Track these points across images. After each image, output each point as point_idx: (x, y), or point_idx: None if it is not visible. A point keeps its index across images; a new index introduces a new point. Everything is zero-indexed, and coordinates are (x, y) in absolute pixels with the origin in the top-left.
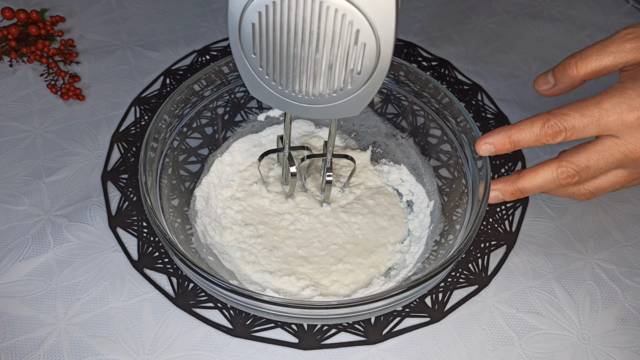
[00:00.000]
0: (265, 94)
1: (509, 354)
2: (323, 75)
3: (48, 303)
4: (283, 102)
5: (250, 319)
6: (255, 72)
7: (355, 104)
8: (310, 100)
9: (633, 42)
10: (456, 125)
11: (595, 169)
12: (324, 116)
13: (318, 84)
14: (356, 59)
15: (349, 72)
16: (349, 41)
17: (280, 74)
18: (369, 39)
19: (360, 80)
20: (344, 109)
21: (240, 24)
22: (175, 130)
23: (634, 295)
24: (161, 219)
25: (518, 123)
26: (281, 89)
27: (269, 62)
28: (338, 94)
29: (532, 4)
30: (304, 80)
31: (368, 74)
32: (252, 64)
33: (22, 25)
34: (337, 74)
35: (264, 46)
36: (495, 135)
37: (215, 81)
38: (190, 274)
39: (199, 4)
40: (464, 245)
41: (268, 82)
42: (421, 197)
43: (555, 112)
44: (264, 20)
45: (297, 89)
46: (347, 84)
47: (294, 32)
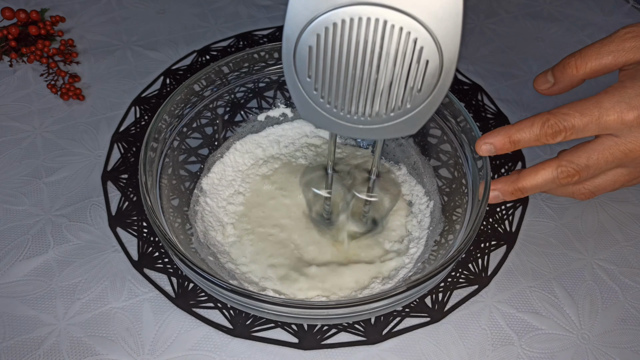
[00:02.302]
0: (318, 116)
1: (509, 354)
2: (382, 95)
3: (48, 303)
4: (337, 124)
5: (250, 319)
6: (309, 95)
7: (413, 122)
8: (366, 121)
9: (632, 41)
10: (456, 125)
11: (595, 168)
12: (380, 136)
13: (376, 104)
14: (417, 77)
15: (409, 90)
16: (411, 59)
17: (337, 96)
18: (432, 55)
19: (420, 98)
20: (401, 128)
21: (296, 47)
22: (175, 130)
23: (634, 295)
24: (161, 219)
25: (518, 123)
26: (336, 111)
27: (325, 84)
28: (396, 113)
29: (532, 4)
30: (362, 101)
31: (429, 92)
32: (306, 87)
33: (22, 25)
34: (396, 93)
35: (321, 69)
36: (495, 135)
37: (215, 81)
38: (190, 273)
39: (199, 4)
40: (464, 245)
41: (322, 105)
42: (421, 197)
43: (555, 112)
44: (322, 42)
45: (354, 110)
46: (407, 103)
47: (354, 53)
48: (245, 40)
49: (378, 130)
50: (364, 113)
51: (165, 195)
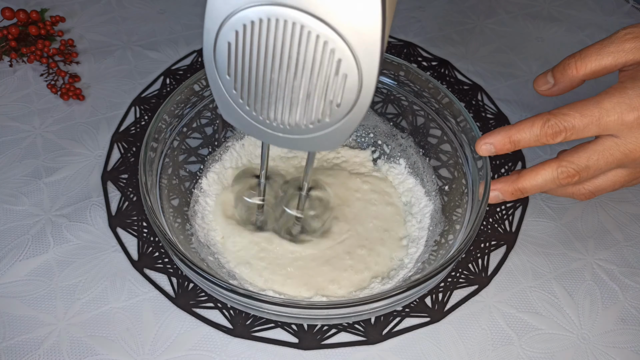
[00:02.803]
0: (239, 118)
1: (509, 354)
2: (300, 104)
3: (48, 303)
4: (257, 129)
5: (250, 319)
6: (229, 94)
7: (334, 138)
8: (285, 129)
9: (632, 42)
10: (456, 125)
11: (595, 169)
12: (299, 148)
13: (294, 113)
14: (336, 91)
15: (327, 103)
16: (329, 71)
17: (255, 99)
18: (351, 70)
19: (340, 113)
20: (320, 143)
21: (215, 42)
22: (175, 130)
23: (634, 295)
24: (161, 219)
25: (518, 123)
26: (255, 115)
27: (244, 85)
28: (315, 126)
29: (532, 4)
30: (280, 108)
31: (348, 107)
32: (226, 85)
33: (22, 25)
34: (315, 104)
35: (240, 68)
36: (495, 135)
37: None
38: (190, 273)
39: (199, 4)
40: (464, 245)
41: (242, 107)
42: (421, 197)
43: (556, 112)
44: (240, 40)
45: (272, 117)
46: (326, 116)
47: (272, 56)
48: None
49: (298, 142)
50: (283, 121)
51: (165, 195)
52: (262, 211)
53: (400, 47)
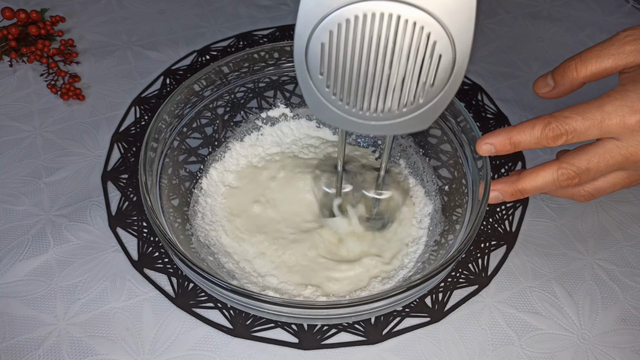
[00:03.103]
0: (330, 114)
1: (509, 354)
2: (395, 91)
3: (48, 303)
4: (349, 121)
5: (250, 319)
6: (321, 92)
7: (425, 117)
8: (379, 117)
9: (633, 44)
10: (456, 125)
11: (595, 171)
12: (391, 132)
13: (389, 99)
14: (430, 71)
15: (421, 85)
16: (424, 53)
17: (349, 93)
18: (445, 49)
19: (433, 93)
20: (412, 124)
21: (308, 44)
22: (175, 130)
23: (634, 295)
24: (161, 219)
25: (519, 125)
26: (348, 108)
27: (337, 81)
28: (408, 108)
29: (532, 4)
30: (375, 97)
31: (442, 86)
32: (317, 84)
33: (22, 25)
34: (409, 88)
35: (333, 66)
36: (496, 136)
37: (215, 81)
38: (190, 273)
39: (199, 4)
40: (463, 245)
41: (334, 102)
42: (421, 198)
43: (557, 115)
44: (334, 39)
45: (366, 107)
46: (419, 98)
47: (367, 49)
48: (245, 40)
49: (390, 126)
50: (376, 109)
51: (165, 195)
52: (340, 198)
53: None
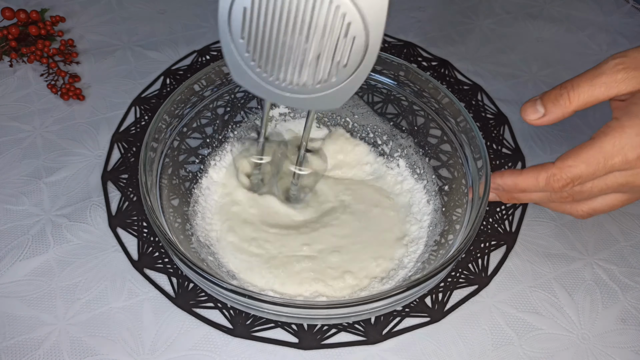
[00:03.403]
0: (248, 80)
1: (509, 354)
2: (309, 66)
3: (48, 303)
4: (266, 89)
5: (250, 319)
6: (241, 57)
7: (338, 96)
8: (293, 89)
9: (624, 73)
10: (456, 125)
11: (591, 191)
12: (305, 106)
13: (304, 73)
14: (344, 52)
15: (335, 64)
16: (339, 33)
17: (267, 61)
18: (359, 32)
19: (345, 73)
20: (325, 101)
21: (231, 7)
22: (175, 130)
23: (634, 295)
24: (161, 219)
25: (524, 174)
26: (266, 76)
27: (257, 48)
28: (322, 85)
29: (532, 4)
30: (290, 69)
31: (354, 68)
32: (238, 48)
33: (22, 25)
34: (323, 65)
35: (253, 31)
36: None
37: (215, 81)
38: (190, 273)
39: (199, 4)
40: (463, 245)
41: (253, 68)
42: (421, 198)
43: (560, 165)
44: (256, 4)
45: (282, 78)
46: (332, 76)
47: (286, 20)
48: None
49: (304, 100)
50: (292, 82)
51: (165, 195)
52: (261, 171)
53: (400, 47)
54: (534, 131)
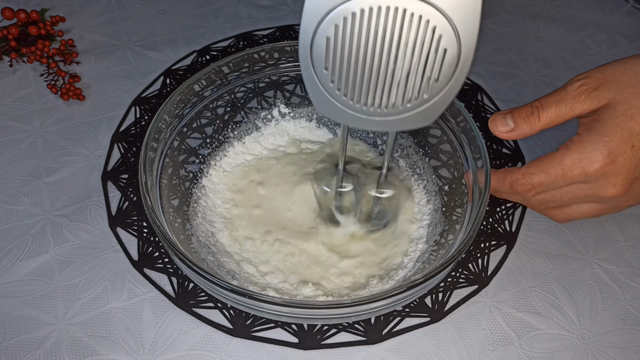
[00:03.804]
0: (334, 109)
1: (509, 354)
2: (399, 86)
3: (48, 303)
4: (352, 116)
5: (250, 319)
6: (325, 88)
7: (429, 113)
8: (382, 112)
9: (586, 94)
10: (456, 125)
11: (561, 199)
12: (395, 128)
13: (392, 94)
14: (435, 66)
15: (426, 80)
16: (429, 48)
17: (353, 88)
18: (450, 44)
19: (437, 88)
20: (417, 119)
21: (313, 39)
22: (175, 130)
23: (634, 296)
24: (161, 219)
25: (494, 174)
26: (352, 103)
27: (342, 76)
28: (412, 104)
29: (532, 4)
30: (379, 92)
31: (446, 81)
32: (322, 79)
33: (22, 25)
34: (413, 83)
35: (338, 60)
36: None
37: (215, 81)
38: (190, 273)
39: (199, 4)
40: (463, 245)
41: (338, 98)
42: (421, 197)
43: (524, 172)
44: (340, 33)
45: (370, 102)
46: (424, 93)
47: (372, 44)
48: (245, 41)
49: (394, 122)
50: (380, 104)
51: (165, 195)
52: (341, 197)
53: None
54: None
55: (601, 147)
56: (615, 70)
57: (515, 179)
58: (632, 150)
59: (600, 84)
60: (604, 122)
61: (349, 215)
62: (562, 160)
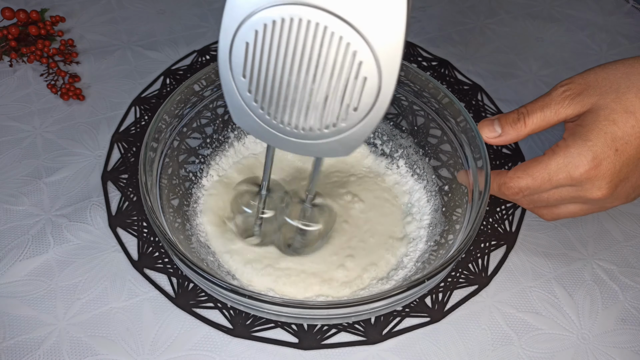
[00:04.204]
0: (251, 123)
1: (509, 354)
2: (317, 108)
3: (48, 303)
4: (269, 133)
5: (250, 319)
6: (243, 97)
7: (347, 143)
8: (299, 134)
9: (569, 99)
10: (456, 125)
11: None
12: (311, 154)
13: (310, 116)
14: (355, 94)
15: (344, 107)
16: (349, 73)
17: (270, 102)
18: (371, 73)
19: (356, 118)
20: (334, 148)
21: (232, 42)
22: (175, 130)
23: (634, 295)
24: (161, 219)
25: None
26: (269, 118)
27: (260, 87)
28: (330, 130)
29: (532, 4)
30: (296, 111)
31: (365, 112)
32: (239, 87)
33: (22, 25)
34: (331, 108)
35: (256, 69)
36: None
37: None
38: (190, 273)
39: (199, 4)
40: (464, 245)
41: (255, 110)
42: (421, 198)
43: (511, 175)
44: (260, 40)
45: (287, 121)
46: (341, 120)
47: (292, 57)
48: None
49: (311, 147)
50: (297, 125)
51: (165, 195)
52: (261, 223)
53: None
54: None
55: (585, 151)
56: (598, 75)
57: (503, 182)
58: (615, 155)
59: (583, 89)
60: (587, 127)
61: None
62: (548, 165)
